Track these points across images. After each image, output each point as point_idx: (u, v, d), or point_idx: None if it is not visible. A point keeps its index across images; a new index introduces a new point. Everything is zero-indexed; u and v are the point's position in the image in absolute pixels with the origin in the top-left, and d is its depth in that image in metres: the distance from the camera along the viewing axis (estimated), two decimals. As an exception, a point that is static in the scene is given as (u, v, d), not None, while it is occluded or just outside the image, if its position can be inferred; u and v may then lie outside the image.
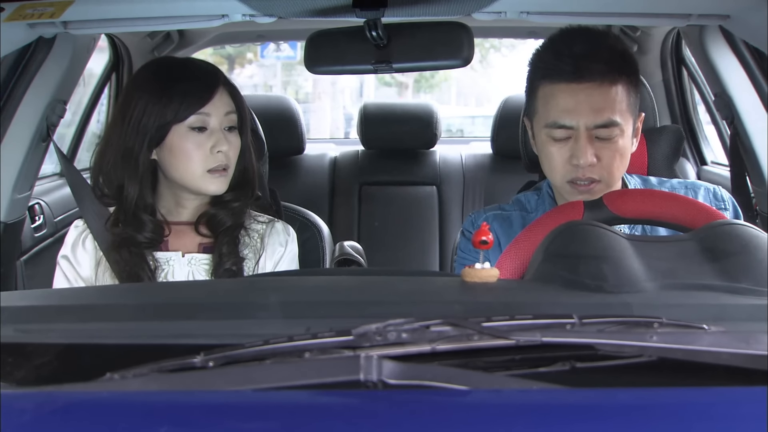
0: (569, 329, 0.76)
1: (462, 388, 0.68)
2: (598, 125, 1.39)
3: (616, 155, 1.41)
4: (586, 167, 1.40)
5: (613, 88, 1.40)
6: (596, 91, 1.39)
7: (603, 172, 1.42)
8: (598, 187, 1.43)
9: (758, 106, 1.66)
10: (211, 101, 1.44)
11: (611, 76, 1.39)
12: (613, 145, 1.41)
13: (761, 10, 1.33)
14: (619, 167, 1.44)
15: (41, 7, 1.35)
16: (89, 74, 2.57)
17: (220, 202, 1.51)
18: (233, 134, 1.49)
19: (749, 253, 1.00)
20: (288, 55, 10.26)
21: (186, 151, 1.43)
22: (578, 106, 1.39)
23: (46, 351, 0.82)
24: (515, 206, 1.61)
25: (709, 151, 2.76)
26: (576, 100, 1.39)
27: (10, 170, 1.70)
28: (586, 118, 1.39)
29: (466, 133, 7.11)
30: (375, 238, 2.96)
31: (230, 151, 1.47)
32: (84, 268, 1.49)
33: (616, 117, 1.39)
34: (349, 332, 0.73)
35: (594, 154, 1.40)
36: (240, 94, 1.52)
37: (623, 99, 1.40)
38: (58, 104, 1.73)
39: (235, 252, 1.48)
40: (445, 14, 1.53)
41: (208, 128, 1.45)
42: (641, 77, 1.51)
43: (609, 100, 1.39)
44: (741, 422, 0.65)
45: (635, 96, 1.44)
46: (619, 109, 1.40)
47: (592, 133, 1.40)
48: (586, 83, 1.38)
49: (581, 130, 1.39)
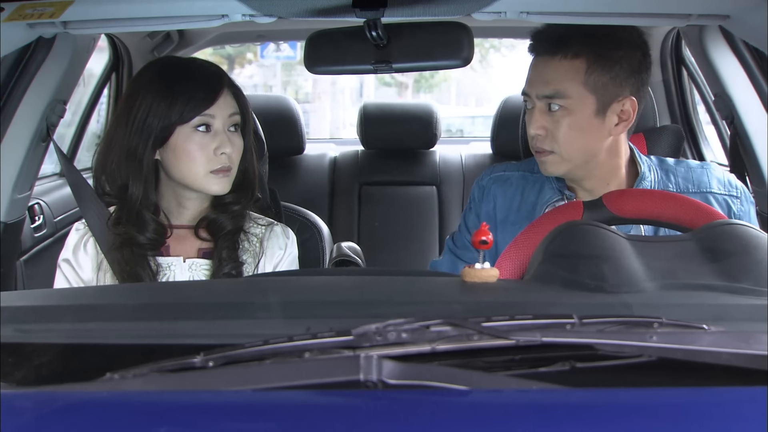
0: (569, 329, 0.76)
1: (462, 388, 0.68)
2: (545, 95, 1.47)
3: (566, 129, 1.46)
4: (536, 137, 1.48)
5: (565, 62, 1.46)
6: (549, 64, 1.47)
7: (554, 144, 1.48)
8: (552, 157, 1.49)
9: (758, 106, 1.66)
10: (216, 103, 1.44)
11: (565, 51, 1.46)
12: (562, 119, 1.46)
13: (761, 10, 1.33)
14: (573, 143, 1.47)
15: (41, 7, 1.35)
16: (89, 74, 2.57)
17: (220, 205, 1.51)
18: (236, 135, 1.49)
19: (749, 253, 1.00)
20: (288, 55, 10.26)
21: (189, 152, 1.44)
22: (532, 77, 1.50)
23: (46, 351, 0.82)
24: (520, 168, 1.66)
25: (709, 151, 2.76)
26: (533, 71, 1.51)
27: (9, 170, 1.70)
28: (536, 88, 1.48)
29: (466, 133, 7.11)
30: (375, 238, 2.96)
31: (233, 152, 1.47)
32: (85, 272, 1.49)
33: (562, 89, 1.45)
34: (349, 332, 0.73)
35: (542, 126, 1.47)
36: (243, 95, 1.52)
37: (577, 75, 1.45)
38: (57, 104, 1.73)
39: (234, 257, 1.48)
40: (445, 14, 1.53)
41: (212, 129, 1.45)
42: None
43: (557, 73, 1.46)
44: (741, 422, 0.65)
45: (606, 76, 1.46)
46: (569, 84, 1.45)
47: (542, 104, 1.48)
48: (543, 57, 1.49)
49: (533, 99, 1.49)
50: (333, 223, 2.98)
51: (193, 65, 1.53)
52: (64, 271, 1.50)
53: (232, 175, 1.48)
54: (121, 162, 1.46)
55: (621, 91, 1.47)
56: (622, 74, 1.47)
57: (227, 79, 1.50)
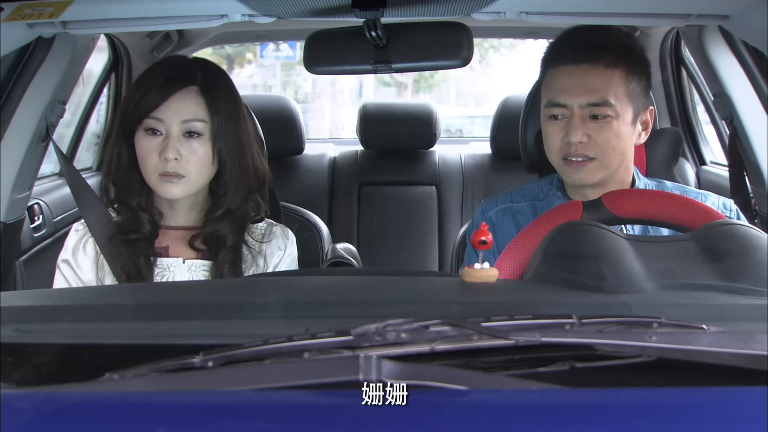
0: (568, 329, 0.76)
1: (461, 388, 0.68)
2: (590, 104, 1.46)
3: (610, 136, 1.47)
4: (578, 144, 1.47)
5: (608, 71, 1.46)
6: (591, 72, 1.47)
7: (597, 150, 1.47)
8: (592, 165, 1.48)
9: (757, 106, 1.66)
10: (163, 106, 1.41)
11: (607, 60, 1.46)
12: (607, 126, 1.47)
13: (761, 10, 1.33)
14: (614, 150, 1.48)
15: (40, 7, 1.35)
16: (88, 74, 2.57)
17: (213, 217, 1.49)
18: (195, 141, 1.43)
19: (749, 253, 1.00)
20: (287, 55, 10.24)
21: (140, 154, 1.44)
22: (572, 86, 1.48)
23: (46, 351, 0.82)
24: (526, 197, 1.64)
25: (708, 151, 2.76)
26: (571, 80, 1.48)
27: (9, 170, 1.70)
28: (579, 96, 1.47)
29: (466, 133, 7.10)
30: (374, 238, 2.96)
31: (186, 159, 1.42)
32: (85, 272, 1.49)
33: (609, 98, 1.45)
34: (348, 332, 0.73)
35: (585, 133, 1.46)
36: (223, 101, 1.46)
37: (620, 84, 1.46)
38: (57, 104, 1.73)
39: (237, 270, 1.47)
40: (445, 14, 1.53)
41: (163, 132, 1.43)
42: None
43: (603, 81, 1.46)
44: (741, 422, 0.65)
45: (639, 86, 1.49)
46: (614, 91, 1.46)
47: (585, 112, 1.47)
48: (583, 65, 1.47)
49: (574, 108, 1.47)
50: (332, 223, 2.98)
51: (167, 65, 1.51)
52: (64, 272, 1.50)
53: (187, 182, 1.44)
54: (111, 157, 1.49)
55: (647, 101, 1.52)
56: (647, 84, 1.51)
57: (200, 80, 1.44)
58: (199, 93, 1.44)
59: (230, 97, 1.48)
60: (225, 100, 1.46)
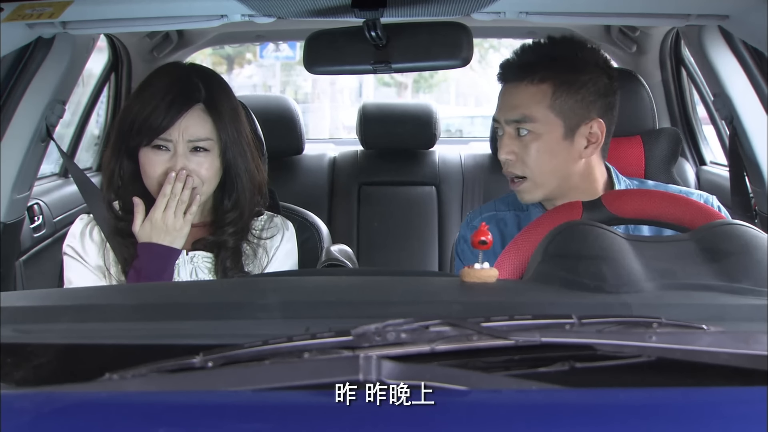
0: (568, 329, 0.76)
1: (461, 388, 0.68)
2: (512, 120, 1.48)
3: (539, 154, 1.47)
4: (506, 161, 1.50)
5: (531, 87, 1.47)
6: (514, 90, 1.49)
7: (525, 169, 1.49)
8: (525, 184, 1.50)
9: (757, 106, 1.66)
10: (172, 128, 1.41)
11: (532, 77, 1.47)
12: (532, 143, 1.47)
13: (760, 10, 1.33)
14: (543, 167, 1.48)
15: (40, 8, 1.35)
16: (88, 74, 2.57)
17: (218, 226, 1.50)
18: (201, 155, 1.44)
19: (748, 253, 1.00)
20: (287, 55, 10.24)
21: (144, 168, 1.44)
22: (501, 104, 1.52)
23: (46, 351, 0.82)
24: (509, 205, 1.64)
25: (708, 151, 2.76)
26: (502, 98, 1.53)
27: (9, 170, 1.70)
28: (505, 113, 1.50)
29: (466, 133, 7.10)
30: (374, 239, 2.96)
31: (195, 173, 1.43)
32: (91, 257, 1.49)
33: (530, 113, 1.46)
34: (348, 332, 0.73)
35: (512, 151, 1.49)
36: (227, 114, 1.45)
37: (543, 99, 1.46)
38: (57, 104, 1.73)
39: (239, 266, 1.48)
40: (444, 14, 1.53)
41: (170, 150, 1.42)
42: (640, 78, 1.51)
43: (524, 98, 1.47)
44: (741, 422, 0.65)
45: (572, 99, 1.46)
46: (536, 107, 1.46)
47: (511, 129, 1.49)
48: (510, 84, 1.51)
49: (502, 124, 1.50)
50: (332, 223, 2.98)
51: (168, 79, 1.46)
52: (72, 255, 1.49)
53: (196, 194, 1.45)
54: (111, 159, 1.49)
55: (588, 114, 1.47)
56: (589, 97, 1.47)
57: (205, 98, 1.43)
58: (205, 111, 1.43)
59: (232, 106, 1.48)
60: (228, 112, 1.46)
